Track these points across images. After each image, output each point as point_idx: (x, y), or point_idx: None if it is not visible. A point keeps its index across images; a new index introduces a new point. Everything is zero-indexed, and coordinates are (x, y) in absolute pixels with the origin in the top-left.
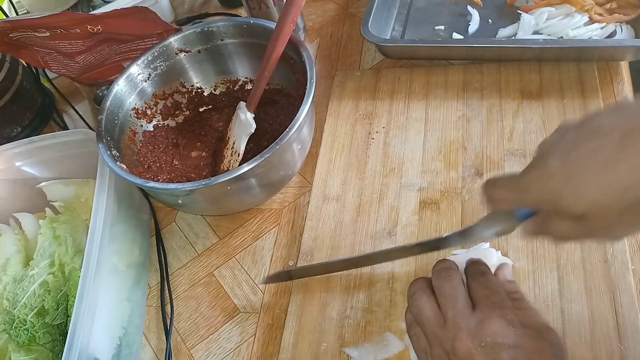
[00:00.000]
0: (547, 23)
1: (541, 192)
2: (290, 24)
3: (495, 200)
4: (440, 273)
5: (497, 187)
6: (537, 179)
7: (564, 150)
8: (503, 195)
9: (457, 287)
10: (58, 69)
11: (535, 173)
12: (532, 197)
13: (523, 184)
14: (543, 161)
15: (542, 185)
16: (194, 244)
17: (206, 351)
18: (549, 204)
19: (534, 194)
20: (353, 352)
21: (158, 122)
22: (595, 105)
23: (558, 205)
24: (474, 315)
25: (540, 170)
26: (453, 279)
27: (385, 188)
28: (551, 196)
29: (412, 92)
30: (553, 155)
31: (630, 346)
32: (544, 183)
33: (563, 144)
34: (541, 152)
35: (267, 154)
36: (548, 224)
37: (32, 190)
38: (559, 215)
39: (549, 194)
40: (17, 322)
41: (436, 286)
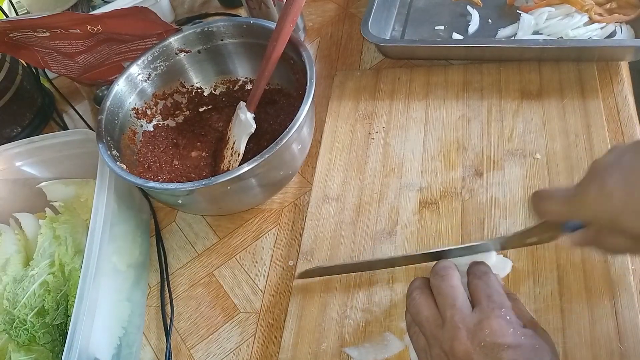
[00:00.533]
0: (547, 23)
1: (599, 210)
2: (290, 24)
3: (546, 213)
4: (438, 272)
5: (549, 201)
6: (594, 197)
7: (624, 170)
8: (556, 209)
9: (455, 287)
10: (58, 69)
11: (593, 191)
12: (588, 214)
13: (579, 200)
14: (601, 180)
15: (601, 204)
16: (194, 244)
17: (206, 351)
18: (605, 221)
19: (591, 211)
20: (353, 352)
21: (158, 122)
22: (595, 105)
23: (615, 223)
24: (473, 315)
25: (599, 189)
26: (451, 279)
27: (385, 188)
28: (610, 215)
29: (412, 92)
30: (612, 174)
31: (630, 346)
32: (603, 202)
33: (622, 164)
34: (596, 170)
35: (267, 154)
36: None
37: (32, 190)
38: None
39: (608, 213)
40: (17, 322)
41: (434, 286)
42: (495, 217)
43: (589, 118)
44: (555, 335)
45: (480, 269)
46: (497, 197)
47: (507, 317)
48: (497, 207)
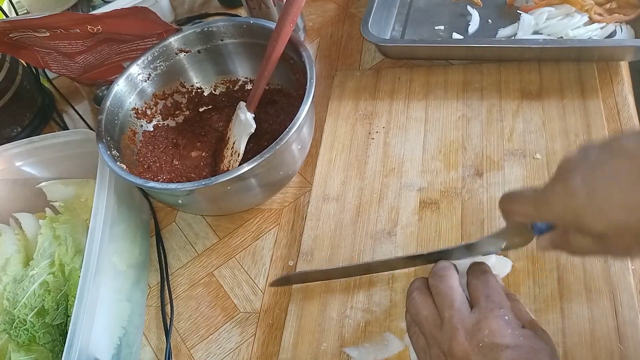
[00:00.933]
0: (547, 23)
1: (563, 209)
2: (290, 24)
3: (513, 214)
4: (436, 273)
5: (516, 201)
6: (559, 195)
7: (587, 168)
8: (522, 209)
9: (453, 287)
10: (58, 69)
11: (557, 189)
12: (552, 213)
13: (544, 199)
14: (565, 178)
15: (564, 202)
16: (194, 244)
17: (206, 351)
18: (569, 221)
19: (555, 210)
20: (353, 352)
21: (158, 122)
22: (595, 105)
23: (579, 223)
24: (472, 316)
25: (563, 187)
26: (449, 279)
27: (385, 188)
28: (572, 214)
29: (412, 92)
30: (576, 173)
31: (630, 346)
32: (566, 200)
33: (586, 163)
34: (563, 169)
35: (267, 154)
36: (567, 239)
37: (32, 190)
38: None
39: (571, 212)
40: (17, 322)
41: (433, 286)
42: (495, 217)
43: (589, 118)
44: (555, 335)
45: (479, 268)
46: (497, 197)
47: (505, 318)
48: (497, 207)
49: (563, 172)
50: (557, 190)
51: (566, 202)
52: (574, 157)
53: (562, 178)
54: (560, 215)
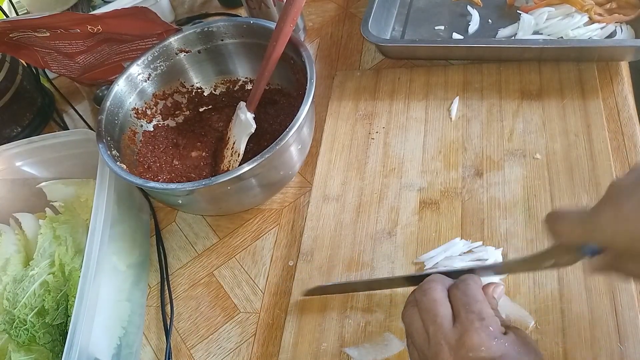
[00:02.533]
0: (547, 23)
1: (615, 233)
2: (290, 24)
3: (561, 235)
4: (422, 286)
5: (564, 222)
6: (611, 219)
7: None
8: (571, 230)
9: (436, 301)
10: (58, 69)
11: (610, 213)
12: (604, 237)
13: (595, 222)
14: (618, 202)
15: (617, 227)
16: (194, 244)
17: (206, 351)
18: (622, 246)
19: (607, 234)
20: (353, 352)
21: (158, 122)
22: (595, 105)
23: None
24: (454, 330)
25: (616, 211)
26: (432, 292)
27: (385, 188)
28: (627, 239)
29: (412, 92)
30: (630, 197)
31: (630, 346)
32: (620, 225)
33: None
34: (614, 191)
35: (267, 154)
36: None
37: (32, 190)
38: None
39: (625, 237)
40: (17, 322)
41: (417, 301)
42: (495, 217)
43: (589, 118)
44: (556, 335)
45: (460, 277)
46: (497, 197)
47: (488, 328)
48: (497, 207)
49: (614, 195)
50: (608, 214)
51: (619, 226)
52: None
53: (613, 201)
54: (612, 240)
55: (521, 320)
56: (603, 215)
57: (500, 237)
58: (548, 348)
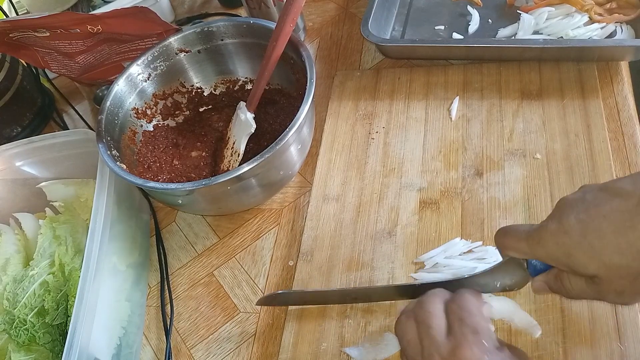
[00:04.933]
0: (547, 23)
1: (555, 247)
2: (290, 24)
3: (507, 249)
4: (419, 299)
5: (510, 236)
6: (552, 233)
7: (582, 208)
8: (515, 244)
9: (431, 313)
10: (58, 69)
11: (551, 227)
12: (545, 251)
13: (538, 236)
14: (560, 216)
15: (557, 240)
16: (194, 244)
17: (206, 351)
18: (562, 260)
19: (548, 248)
20: (353, 352)
21: (158, 122)
22: (595, 105)
23: (570, 262)
24: (447, 343)
25: (556, 226)
26: (428, 304)
27: (385, 188)
28: (565, 253)
29: (412, 92)
30: (570, 212)
31: (630, 346)
32: (559, 239)
33: (583, 202)
34: (560, 207)
35: (267, 154)
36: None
37: (32, 190)
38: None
39: (562, 250)
40: (17, 322)
41: (413, 311)
42: (495, 217)
43: (589, 118)
44: (556, 335)
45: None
46: (497, 197)
47: (482, 342)
48: (497, 207)
49: (559, 210)
50: (550, 228)
51: (559, 240)
52: (572, 196)
53: (557, 216)
54: (552, 254)
55: (528, 329)
56: (545, 229)
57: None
58: (548, 348)
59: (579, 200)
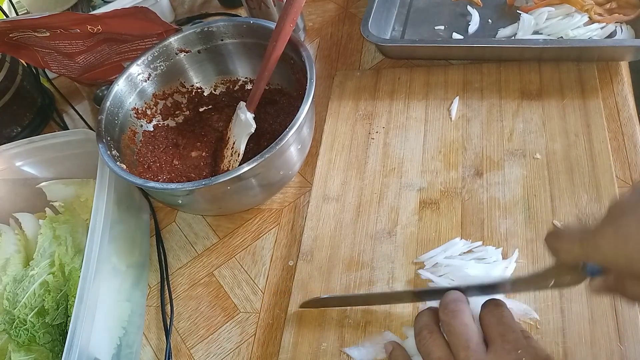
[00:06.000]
0: (547, 23)
1: (614, 254)
2: (290, 24)
3: (560, 253)
4: (447, 307)
5: (564, 240)
6: (610, 240)
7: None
8: (570, 249)
9: (468, 325)
10: (58, 69)
11: (609, 233)
12: (604, 257)
13: (594, 242)
14: (618, 222)
15: (617, 247)
16: (194, 244)
17: (206, 351)
18: (622, 267)
19: (607, 254)
20: (353, 352)
21: (158, 122)
22: (595, 105)
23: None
24: (488, 357)
25: (614, 231)
26: (462, 315)
27: (385, 188)
28: (626, 260)
29: (412, 92)
30: (630, 216)
31: (630, 346)
32: (619, 245)
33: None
34: (615, 210)
35: (267, 154)
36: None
37: (32, 190)
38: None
39: (624, 257)
40: (17, 322)
41: (445, 322)
42: (495, 217)
43: (589, 118)
44: (555, 335)
45: (492, 302)
46: (497, 197)
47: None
48: (497, 207)
49: (614, 214)
50: (608, 234)
51: (619, 247)
52: (626, 199)
53: (613, 221)
54: (611, 260)
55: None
56: (603, 234)
57: (500, 237)
58: (548, 348)
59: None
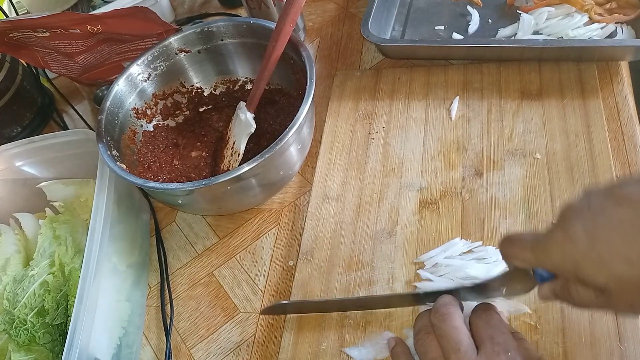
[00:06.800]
0: (547, 23)
1: (562, 257)
2: (290, 24)
3: (512, 258)
4: (438, 311)
5: (515, 245)
6: (558, 242)
7: (589, 216)
8: (521, 254)
9: (458, 328)
10: (58, 69)
11: (557, 236)
12: (552, 261)
13: (543, 246)
14: (565, 225)
15: (563, 250)
16: (194, 244)
17: (206, 351)
18: (569, 270)
19: (554, 258)
20: (353, 352)
21: (158, 122)
22: (595, 105)
23: (579, 273)
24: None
25: (563, 234)
26: (453, 318)
27: (385, 188)
28: (572, 263)
29: (412, 92)
30: (577, 220)
31: (630, 346)
32: (566, 248)
33: (589, 210)
34: (564, 215)
35: (267, 154)
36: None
37: (32, 190)
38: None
39: (570, 261)
40: (17, 322)
41: (435, 326)
42: (495, 217)
43: (589, 118)
44: (556, 335)
45: (481, 306)
46: (497, 197)
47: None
48: (497, 207)
49: (564, 218)
50: (556, 237)
51: (565, 250)
52: (576, 203)
53: (562, 225)
54: (559, 264)
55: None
56: (551, 238)
57: (500, 237)
58: (548, 348)
59: (584, 207)
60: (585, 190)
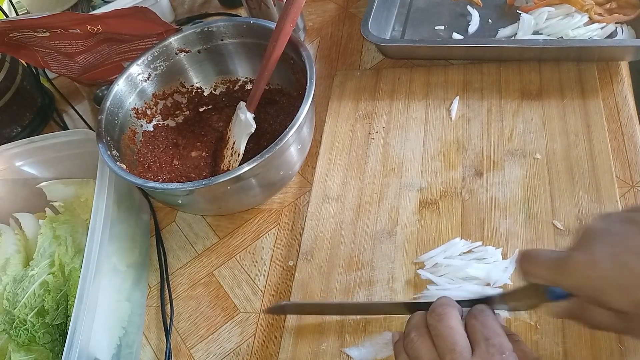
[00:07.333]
0: (547, 23)
1: (583, 280)
2: (290, 24)
3: (530, 275)
4: (435, 310)
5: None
6: (580, 265)
7: (613, 240)
8: (540, 273)
9: (454, 328)
10: (58, 69)
11: (579, 258)
12: (572, 282)
13: (564, 266)
14: (589, 247)
15: (586, 273)
16: (194, 244)
17: (206, 351)
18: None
19: (575, 279)
20: (353, 352)
21: (158, 122)
22: (595, 105)
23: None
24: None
25: (585, 257)
26: (448, 318)
27: (385, 188)
28: (594, 286)
29: (412, 92)
30: (600, 243)
31: (630, 346)
32: (588, 271)
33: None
34: (587, 237)
35: (267, 154)
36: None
37: (32, 190)
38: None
39: (592, 284)
40: (17, 322)
41: (431, 326)
42: (495, 217)
43: (589, 118)
44: (556, 335)
45: (476, 307)
46: (497, 197)
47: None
48: (497, 207)
49: (586, 241)
50: (579, 259)
51: (588, 273)
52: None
53: (585, 247)
54: (580, 286)
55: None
56: (573, 258)
57: (500, 237)
58: (548, 348)
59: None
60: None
